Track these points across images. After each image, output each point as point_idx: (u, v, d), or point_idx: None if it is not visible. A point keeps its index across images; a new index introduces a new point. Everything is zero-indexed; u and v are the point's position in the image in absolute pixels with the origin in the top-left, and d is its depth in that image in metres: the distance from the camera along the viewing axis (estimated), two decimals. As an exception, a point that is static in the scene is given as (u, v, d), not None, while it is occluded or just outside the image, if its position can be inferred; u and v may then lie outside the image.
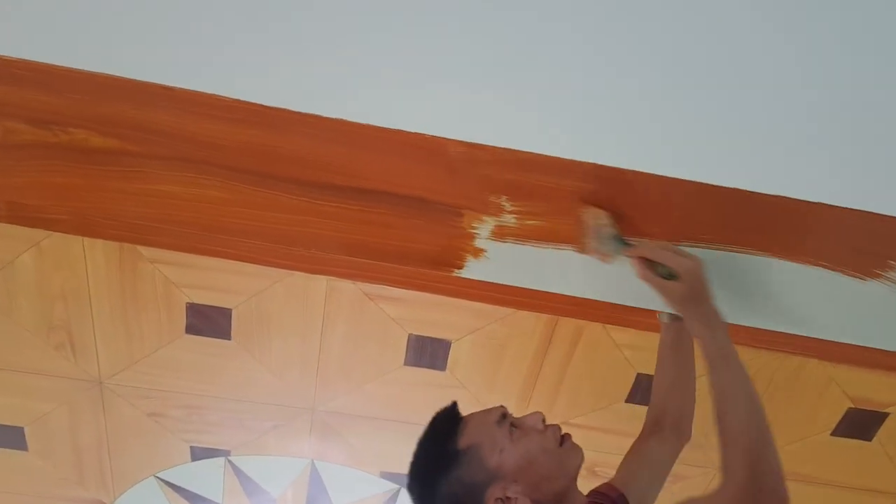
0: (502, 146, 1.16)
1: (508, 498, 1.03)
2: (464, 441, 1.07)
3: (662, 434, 1.31)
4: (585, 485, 1.22)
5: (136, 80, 1.10)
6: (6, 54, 1.08)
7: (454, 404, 1.14)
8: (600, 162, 1.17)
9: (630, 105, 1.09)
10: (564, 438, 1.10)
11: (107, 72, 1.10)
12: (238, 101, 1.12)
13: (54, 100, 1.14)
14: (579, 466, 1.10)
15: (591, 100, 1.08)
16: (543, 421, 1.11)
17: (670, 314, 1.38)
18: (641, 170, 1.17)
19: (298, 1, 1.00)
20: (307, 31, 1.03)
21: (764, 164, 1.14)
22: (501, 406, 1.13)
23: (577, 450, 1.11)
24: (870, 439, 1.99)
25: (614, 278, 1.32)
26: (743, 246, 1.28)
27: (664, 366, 1.37)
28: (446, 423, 1.11)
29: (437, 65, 1.06)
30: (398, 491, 2.22)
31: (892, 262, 1.29)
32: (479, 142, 1.17)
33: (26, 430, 2.05)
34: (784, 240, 1.27)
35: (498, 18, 1.00)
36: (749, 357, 1.84)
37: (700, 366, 1.34)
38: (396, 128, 1.15)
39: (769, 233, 1.26)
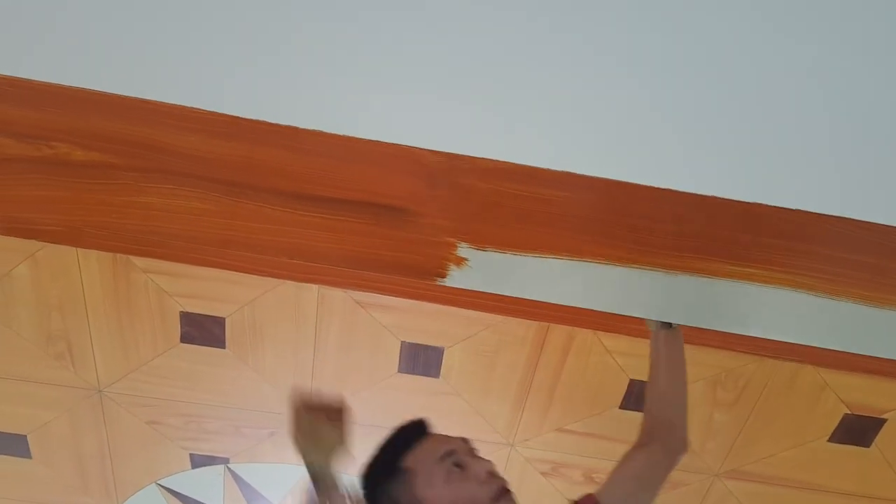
0: (479, 156, 1.17)
1: None
2: (408, 461, 1.09)
3: (651, 447, 1.27)
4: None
5: (115, 94, 1.12)
6: (-11, 72, 1.11)
7: (423, 420, 1.15)
8: (578, 172, 1.17)
9: (610, 114, 1.08)
10: (501, 495, 1.08)
11: (86, 86, 1.12)
12: (214, 113, 1.13)
13: (37, 115, 1.16)
14: None
15: (566, 109, 1.08)
16: (490, 473, 1.09)
17: (657, 322, 1.37)
18: (625, 179, 1.16)
19: (275, 12, 1.01)
20: (282, 42, 1.04)
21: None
22: (461, 439, 1.13)
23: None
24: (868, 445, 1.96)
25: (596, 287, 1.31)
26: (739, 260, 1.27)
27: (655, 374, 1.35)
28: (407, 436, 1.13)
29: (413, 75, 1.06)
30: (397, 498, 2.23)
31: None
32: (457, 151, 1.17)
33: (29, 438, 2.08)
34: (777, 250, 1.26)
35: (472, 28, 1.00)
36: (742, 363, 1.83)
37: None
38: (373, 138, 1.16)
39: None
